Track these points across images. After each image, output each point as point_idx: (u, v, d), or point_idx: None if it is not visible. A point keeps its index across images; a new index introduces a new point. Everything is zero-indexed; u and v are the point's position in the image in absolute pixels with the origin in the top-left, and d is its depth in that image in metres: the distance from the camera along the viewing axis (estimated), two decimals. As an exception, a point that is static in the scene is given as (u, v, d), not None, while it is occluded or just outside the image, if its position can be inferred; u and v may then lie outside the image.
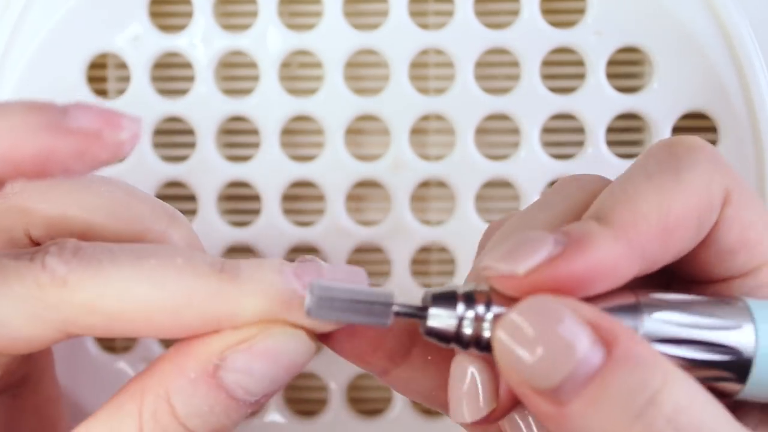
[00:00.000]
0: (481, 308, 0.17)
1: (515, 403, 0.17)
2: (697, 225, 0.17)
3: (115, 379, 0.28)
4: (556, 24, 0.27)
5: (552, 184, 0.27)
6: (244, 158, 0.28)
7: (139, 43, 0.28)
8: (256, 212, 0.28)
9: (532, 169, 0.27)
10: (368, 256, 0.29)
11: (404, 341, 0.19)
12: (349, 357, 0.19)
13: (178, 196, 0.29)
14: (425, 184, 0.28)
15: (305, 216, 0.29)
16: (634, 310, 0.17)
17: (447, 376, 0.19)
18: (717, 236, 0.18)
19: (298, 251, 0.29)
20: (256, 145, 0.28)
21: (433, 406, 0.20)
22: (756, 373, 0.17)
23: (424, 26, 0.27)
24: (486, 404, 0.17)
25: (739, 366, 0.17)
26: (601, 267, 0.16)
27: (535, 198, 0.27)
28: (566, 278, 0.16)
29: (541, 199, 0.20)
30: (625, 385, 0.15)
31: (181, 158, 0.28)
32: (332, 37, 0.27)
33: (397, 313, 0.18)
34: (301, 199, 0.29)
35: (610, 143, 0.27)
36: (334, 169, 0.28)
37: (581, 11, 0.27)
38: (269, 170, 0.28)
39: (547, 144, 0.28)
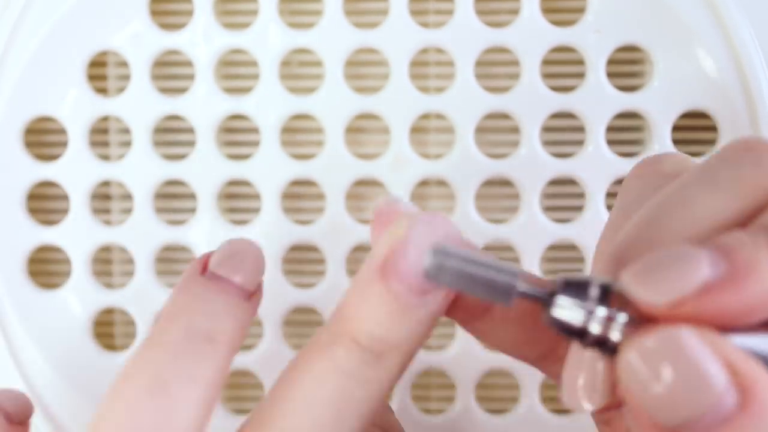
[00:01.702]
0: (612, 310, 0.15)
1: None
2: None
3: (114, 376, 0.28)
4: (556, 23, 0.27)
5: (552, 183, 0.27)
6: (244, 157, 0.28)
7: (139, 41, 0.28)
8: (256, 211, 0.28)
9: (532, 168, 0.27)
10: (368, 255, 0.29)
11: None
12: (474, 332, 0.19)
13: (178, 194, 0.29)
14: (425, 183, 0.28)
15: (305, 215, 0.29)
16: None
17: (529, 332, 0.18)
18: None
19: (298, 250, 0.29)
20: (256, 144, 0.28)
21: (516, 359, 0.19)
22: None
23: (425, 25, 0.27)
24: (602, 396, 0.16)
25: None
26: (760, 303, 0.14)
27: (535, 198, 0.27)
28: (717, 313, 0.14)
29: (709, 169, 0.17)
30: None
31: (181, 156, 0.28)
32: (332, 36, 0.27)
33: (522, 294, 0.16)
34: (301, 197, 0.29)
35: (610, 142, 0.27)
36: (334, 167, 0.28)
37: (581, 10, 0.27)
38: (269, 169, 0.28)
39: (547, 143, 0.28)
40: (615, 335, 0.15)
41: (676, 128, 0.27)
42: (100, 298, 0.28)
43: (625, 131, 0.29)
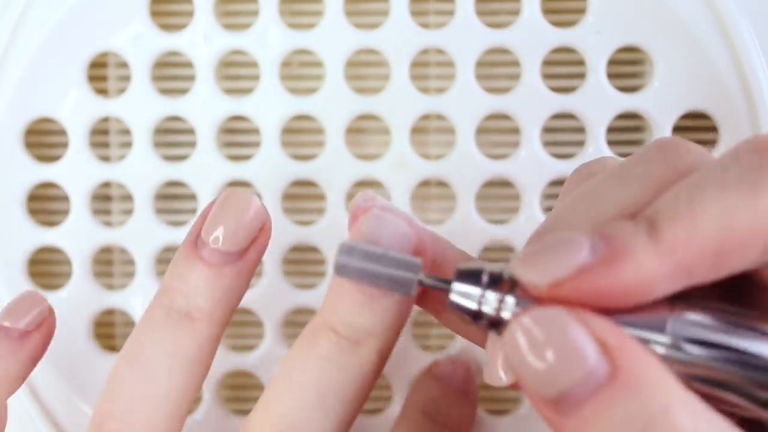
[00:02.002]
0: (502, 293, 0.17)
1: None
2: (764, 249, 0.16)
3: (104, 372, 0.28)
4: (556, 23, 0.27)
5: (552, 184, 0.27)
6: (245, 157, 0.28)
7: (139, 42, 0.28)
8: (256, 211, 0.28)
9: (532, 169, 0.27)
10: (369, 256, 0.29)
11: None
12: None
13: (178, 195, 0.29)
14: (426, 184, 0.28)
15: (306, 215, 0.29)
16: (661, 325, 0.16)
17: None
18: None
19: (299, 250, 0.29)
20: (256, 145, 0.28)
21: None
22: None
23: (425, 25, 0.27)
24: (513, 373, 0.17)
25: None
26: (635, 286, 0.16)
27: (536, 199, 0.27)
28: (593, 292, 0.16)
29: (626, 166, 0.18)
30: (622, 408, 0.15)
31: (181, 157, 0.28)
32: (333, 37, 0.27)
33: (422, 283, 0.18)
34: (301, 198, 0.29)
35: (611, 143, 0.27)
36: (334, 168, 0.28)
37: (582, 11, 0.27)
38: (270, 169, 0.28)
39: (547, 143, 0.28)
40: (506, 315, 0.17)
41: (676, 129, 0.27)
42: (100, 299, 0.28)
43: (626, 132, 0.29)
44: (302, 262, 0.30)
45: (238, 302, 0.22)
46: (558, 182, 0.28)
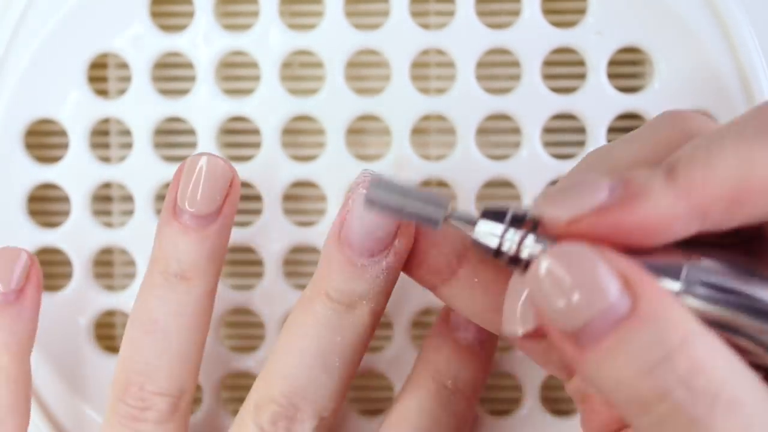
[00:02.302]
0: (524, 232, 0.18)
1: None
2: None
3: (106, 371, 0.28)
4: (557, 24, 0.27)
5: (553, 184, 0.27)
6: (245, 158, 0.28)
7: (140, 43, 0.28)
8: (257, 212, 0.28)
9: (533, 169, 0.27)
10: (369, 256, 0.29)
11: (450, 260, 0.21)
12: (427, 284, 0.22)
13: (178, 196, 0.29)
14: (426, 184, 0.28)
15: (306, 216, 0.29)
16: (677, 270, 0.16)
17: (494, 300, 0.20)
18: None
19: (300, 251, 0.29)
20: (257, 145, 0.28)
21: (484, 326, 0.22)
22: None
23: (425, 26, 0.27)
24: (532, 320, 0.18)
25: None
26: (652, 225, 0.16)
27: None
28: (612, 231, 0.16)
29: (635, 132, 0.20)
30: (641, 340, 0.15)
31: (181, 158, 0.28)
32: (333, 37, 0.27)
33: (448, 218, 0.19)
34: (302, 199, 0.29)
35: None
36: (335, 169, 0.28)
37: (582, 11, 0.27)
38: (270, 170, 0.28)
39: (548, 144, 0.28)
40: (526, 253, 0.18)
41: (677, 129, 0.27)
42: (101, 300, 0.28)
43: (627, 132, 0.29)
44: (302, 263, 0.30)
45: (224, 254, 0.24)
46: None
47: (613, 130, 0.27)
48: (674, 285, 0.17)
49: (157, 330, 0.23)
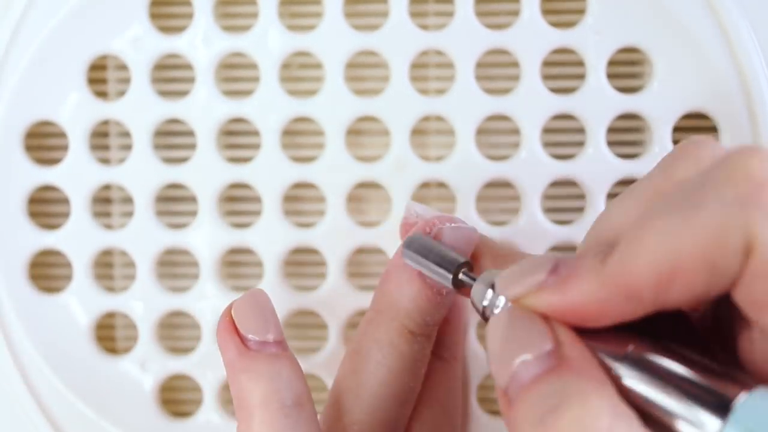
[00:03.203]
0: (498, 298, 0.19)
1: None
2: (708, 275, 0.15)
3: (115, 379, 0.28)
4: (556, 24, 0.27)
5: (553, 185, 0.27)
6: (245, 159, 0.28)
7: (139, 44, 0.28)
8: (256, 213, 0.28)
9: (532, 170, 0.27)
10: (368, 257, 0.29)
11: None
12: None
13: (178, 197, 0.29)
14: (426, 185, 0.28)
15: (306, 217, 0.29)
16: (617, 357, 0.17)
17: None
18: (743, 288, 0.15)
19: (299, 252, 0.29)
20: (256, 147, 0.28)
21: None
22: None
23: (424, 27, 0.27)
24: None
25: None
26: (583, 307, 0.17)
27: (536, 200, 0.27)
28: (551, 310, 0.17)
29: (638, 181, 0.19)
30: (547, 386, 0.16)
31: (181, 160, 0.28)
32: (332, 38, 0.27)
33: (455, 279, 0.22)
34: (301, 200, 0.29)
35: (611, 143, 0.27)
36: (334, 170, 0.28)
37: (581, 11, 0.27)
38: (270, 171, 0.28)
39: (547, 144, 0.28)
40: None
41: (676, 129, 0.27)
42: (101, 301, 0.28)
43: (626, 132, 0.29)
44: (302, 264, 0.30)
45: None
46: (557, 183, 0.28)
47: (612, 131, 0.27)
48: (614, 366, 0.17)
49: None
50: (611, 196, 0.27)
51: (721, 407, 0.16)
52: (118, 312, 0.29)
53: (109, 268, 0.31)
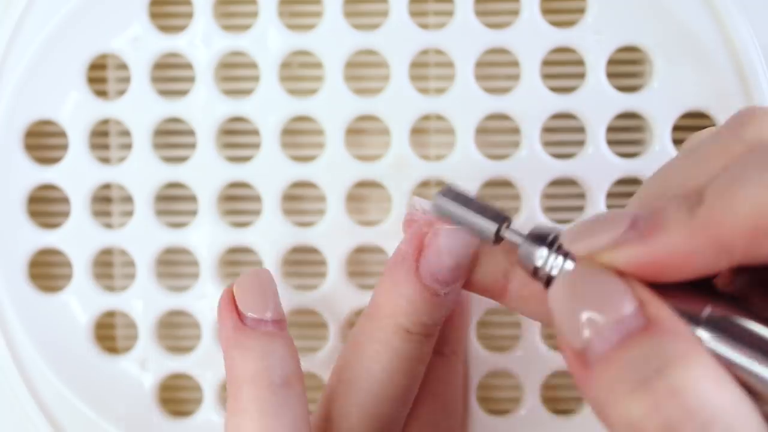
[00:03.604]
0: (560, 255, 0.18)
1: None
2: None
3: (115, 379, 0.28)
4: (556, 24, 0.27)
5: (552, 184, 0.27)
6: (245, 159, 0.28)
7: (139, 44, 0.28)
8: (256, 213, 0.28)
9: (532, 169, 0.27)
10: (368, 256, 0.29)
11: (497, 279, 0.21)
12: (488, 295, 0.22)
13: (178, 196, 0.29)
14: (426, 184, 0.28)
15: (306, 216, 0.29)
16: (695, 320, 0.16)
17: (545, 305, 0.20)
18: None
19: (299, 251, 0.29)
20: (256, 146, 0.28)
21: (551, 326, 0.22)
22: None
23: (424, 26, 0.27)
24: None
25: None
26: (669, 259, 0.16)
27: (536, 199, 0.27)
28: (631, 265, 0.16)
29: (698, 144, 0.19)
30: (642, 350, 0.15)
31: (181, 159, 0.28)
32: (332, 38, 0.27)
33: (498, 234, 0.20)
34: (301, 199, 0.29)
35: (611, 142, 0.27)
36: (334, 169, 0.28)
37: (581, 11, 0.27)
38: (269, 171, 0.28)
39: (547, 143, 0.28)
40: (556, 274, 0.18)
41: (676, 128, 0.27)
42: (101, 300, 0.28)
43: (626, 131, 0.29)
44: (302, 263, 0.30)
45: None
46: (558, 182, 0.28)
47: (612, 130, 0.27)
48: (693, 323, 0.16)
49: None
50: (611, 195, 0.27)
51: None
52: (117, 311, 0.29)
53: (109, 268, 0.31)
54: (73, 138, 0.28)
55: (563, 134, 0.29)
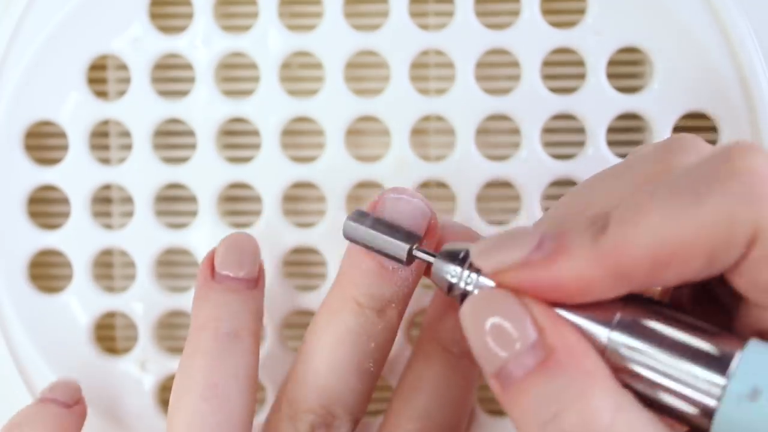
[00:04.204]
0: (470, 272, 0.18)
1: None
2: (706, 262, 0.16)
3: (115, 379, 0.28)
4: (556, 24, 0.27)
5: (553, 185, 0.27)
6: (245, 159, 0.28)
7: (139, 44, 0.28)
8: (256, 213, 0.28)
9: (532, 170, 0.27)
10: (369, 257, 0.29)
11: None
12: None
13: (178, 197, 0.29)
14: (426, 185, 0.28)
15: (306, 217, 0.29)
16: (607, 325, 0.17)
17: None
18: (744, 272, 0.16)
19: (299, 253, 0.29)
20: (256, 147, 0.28)
21: None
22: (719, 423, 0.16)
23: (425, 27, 0.27)
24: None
25: (704, 409, 0.16)
26: (573, 284, 0.16)
27: (536, 200, 0.27)
28: (535, 285, 0.17)
29: (619, 165, 0.19)
30: (543, 390, 0.16)
31: (181, 160, 0.28)
32: (332, 38, 0.27)
33: (411, 253, 0.20)
34: (301, 200, 0.29)
35: (611, 143, 0.27)
36: (334, 170, 0.28)
37: (581, 11, 0.27)
38: (270, 171, 0.28)
39: (547, 144, 0.28)
40: (471, 289, 0.18)
41: (676, 129, 0.27)
42: (101, 301, 0.28)
43: (626, 132, 0.29)
44: (302, 264, 0.30)
45: (262, 320, 0.25)
46: (558, 183, 0.28)
47: (612, 131, 0.27)
48: (602, 335, 0.17)
49: (218, 396, 0.22)
50: (611, 196, 0.27)
51: (722, 363, 0.16)
52: (117, 312, 0.29)
53: (109, 268, 0.31)
54: (73, 139, 0.28)
55: (563, 135, 0.29)
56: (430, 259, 0.20)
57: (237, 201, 0.30)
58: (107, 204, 0.30)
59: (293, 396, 0.22)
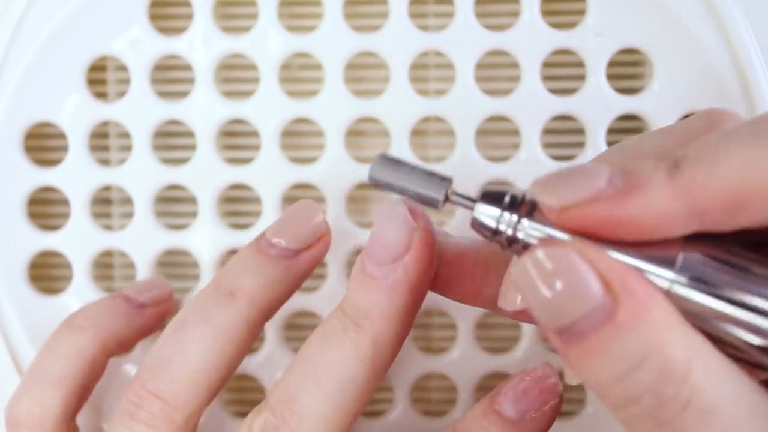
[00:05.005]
0: (519, 215, 0.17)
1: None
2: None
3: (115, 379, 0.28)
4: (556, 25, 0.27)
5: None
6: (245, 161, 0.28)
7: (139, 45, 0.28)
8: (256, 215, 0.28)
9: (532, 171, 0.27)
10: (369, 258, 0.29)
11: (476, 283, 0.21)
12: (458, 299, 0.21)
13: (178, 198, 0.29)
14: (426, 186, 0.28)
15: (306, 218, 0.29)
16: (671, 260, 0.16)
17: (479, 284, 0.21)
18: None
19: (299, 253, 0.29)
20: (256, 148, 0.28)
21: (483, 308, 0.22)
22: None
23: (424, 28, 0.27)
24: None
25: None
26: (648, 220, 0.16)
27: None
28: (605, 222, 0.16)
29: (672, 124, 0.19)
30: (616, 348, 0.15)
31: (181, 161, 0.28)
32: (332, 39, 0.27)
33: (448, 198, 0.19)
34: (301, 201, 0.29)
35: (611, 144, 0.27)
36: (334, 171, 0.28)
37: (581, 12, 0.27)
38: (270, 173, 0.28)
39: (547, 145, 0.28)
40: (521, 236, 0.17)
41: (676, 130, 0.27)
42: (101, 302, 0.28)
43: (626, 133, 0.29)
44: (302, 265, 0.30)
45: (283, 298, 0.23)
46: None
47: (612, 132, 0.27)
48: (666, 275, 0.16)
49: (182, 331, 0.22)
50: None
51: None
52: (118, 313, 0.29)
53: (109, 269, 0.31)
54: (73, 140, 0.28)
55: (563, 136, 0.29)
56: (470, 204, 0.18)
57: (237, 202, 0.30)
58: (107, 205, 0.30)
59: (300, 403, 0.21)
